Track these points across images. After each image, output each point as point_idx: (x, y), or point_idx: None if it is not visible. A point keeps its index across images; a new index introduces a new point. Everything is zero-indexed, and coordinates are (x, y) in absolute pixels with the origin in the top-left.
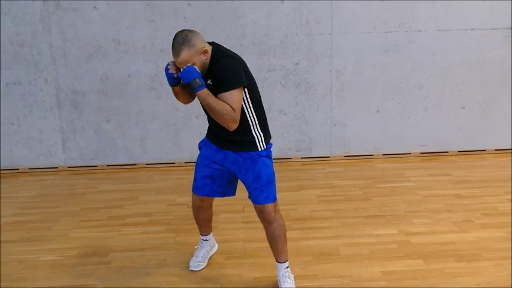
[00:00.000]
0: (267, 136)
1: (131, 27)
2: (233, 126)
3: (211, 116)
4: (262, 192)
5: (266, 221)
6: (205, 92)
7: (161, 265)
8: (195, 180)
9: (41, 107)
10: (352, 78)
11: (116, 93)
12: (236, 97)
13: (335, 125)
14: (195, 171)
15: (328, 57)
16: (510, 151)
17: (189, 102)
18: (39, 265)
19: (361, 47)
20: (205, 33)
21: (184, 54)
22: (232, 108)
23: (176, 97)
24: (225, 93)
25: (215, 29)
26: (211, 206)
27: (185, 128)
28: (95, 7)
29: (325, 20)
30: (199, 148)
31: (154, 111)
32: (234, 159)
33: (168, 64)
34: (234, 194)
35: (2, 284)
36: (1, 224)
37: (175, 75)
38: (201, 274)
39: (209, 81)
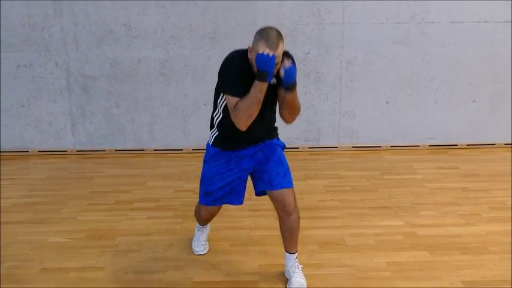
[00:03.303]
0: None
1: (142, 12)
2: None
3: (290, 112)
4: (286, 176)
5: (286, 212)
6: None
7: (168, 250)
8: (209, 194)
9: (51, 90)
10: (363, 69)
11: (125, 78)
12: None
13: (344, 116)
14: (207, 185)
15: (338, 47)
16: None
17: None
18: (47, 246)
19: (373, 38)
20: (216, 20)
21: (280, 48)
22: None
23: (257, 108)
24: (295, 90)
25: (226, 16)
26: None
27: (194, 115)
28: None
29: (337, 10)
30: (205, 161)
31: (163, 97)
32: (251, 154)
33: (262, 54)
34: (242, 203)
35: (11, 263)
36: (10, 205)
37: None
38: (207, 260)
39: (274, 80)
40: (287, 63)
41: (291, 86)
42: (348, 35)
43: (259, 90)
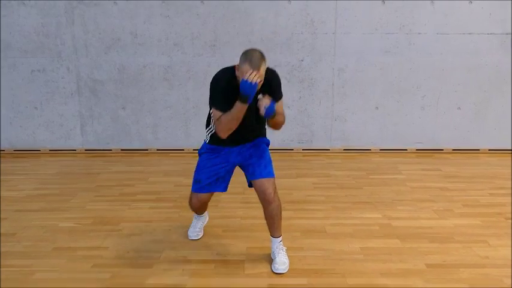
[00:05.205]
0: None
1: (148, 21)
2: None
3: (274, 127)
4: (267, 167)
5: (266, 201)
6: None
7: (166, 234)
8: (198, 181)
9: (62, 93)
10: (353, 76)
11: (131, 82)
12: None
13: (335, 120)
14: (198, 174)
15: (331, 56)
16: (502, 151)
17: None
18: (58, 230)
19: (363, 47)
20: (216, 29)
21: (262, 68)
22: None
23: (237, 122)
24: (280, 100)
25: (225, 25)
26: (209, 201)
27: (195, 117)
28: (114, 2)
29: (330, 20)
30: (199, 155)
31: (167, 100)
32: (239, 151)
33: (245, 79)
34: (226, 190)
35: (26, 243)
36: (25, 196)
37: (260, 104)
38: (200, 242)
39: (260, 95)
40: (267, 101)
41: (271, 117)
42: (339, 44)
43: (239, 109)
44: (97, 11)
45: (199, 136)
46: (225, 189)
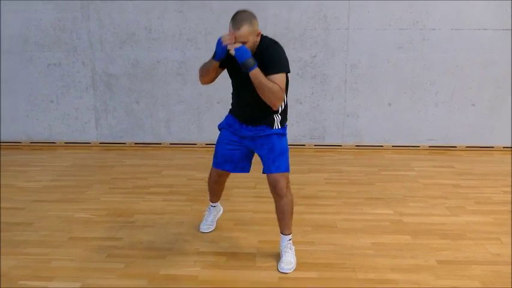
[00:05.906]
0: (284, 120)
1: (162, 17)
2: (278, 104)
3: (260, 93)
4: (274, 162)
5: (277, 195)
6: (258, 70)
7: (178, 226)
8: (215, 156)
9: (77, 87)
10: (366, 72)
11: (145, 77)
12: (283, 79)
13: (348, 116)
14: (216, 149)
15: (344, 51)
16: None
17: (210, 82)
18: (74, 220)
19: (376, 43)
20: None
21: (245, 29)
22: (280, 88)
23: (206, 75)
24: (276, 74)
25: None
26: (225, 181)
27: (207, 112)
28: None
29: (343, 16)
30: (219, 129)
31: (180, 95)
32: (252, 136)
33: (220, 38)
34: (249, 171)
35: (43, 232)
36: (41, 187)
37: (228, 48)
38: (212, 235)
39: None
40: (236, 44)
41: (241, 66)
42: (352, 39)
43: (209, 62)
44: (112, 6)
45: (212, 131)
46: (239, 170)
